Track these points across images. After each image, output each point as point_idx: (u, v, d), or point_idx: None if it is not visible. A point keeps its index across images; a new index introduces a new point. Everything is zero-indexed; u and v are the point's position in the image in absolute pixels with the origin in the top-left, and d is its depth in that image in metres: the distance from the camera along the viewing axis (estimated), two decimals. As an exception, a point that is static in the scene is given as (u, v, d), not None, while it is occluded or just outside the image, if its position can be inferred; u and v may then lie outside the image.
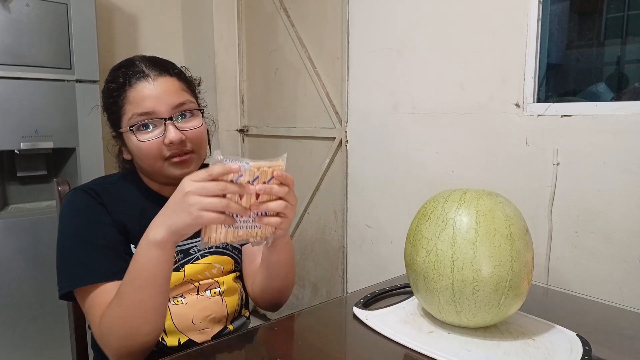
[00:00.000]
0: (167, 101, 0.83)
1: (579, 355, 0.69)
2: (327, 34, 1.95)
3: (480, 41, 1.39)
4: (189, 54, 2.56)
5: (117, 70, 0.87)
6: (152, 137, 0.83)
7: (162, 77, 0.85)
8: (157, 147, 0.83)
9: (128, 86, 0.83)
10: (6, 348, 1.65)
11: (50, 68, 1.70)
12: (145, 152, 0.83)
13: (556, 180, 1.24)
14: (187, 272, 0.89)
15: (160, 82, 0.84)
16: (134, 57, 0.88)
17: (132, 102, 0.83)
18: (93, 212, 0.84)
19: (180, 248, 0.90)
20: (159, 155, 0.84)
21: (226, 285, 0.94)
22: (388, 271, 1.73)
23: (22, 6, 1.62)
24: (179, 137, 0.83)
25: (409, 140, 1.62)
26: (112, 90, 0.85)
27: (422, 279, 0.77)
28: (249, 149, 2.50)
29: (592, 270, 1.19)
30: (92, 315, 0.77)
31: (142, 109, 0.82)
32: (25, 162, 1.79)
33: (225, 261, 0.95)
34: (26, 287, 1.67)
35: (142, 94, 0.83)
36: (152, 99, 0.83)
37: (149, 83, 0.83)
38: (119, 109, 0.85)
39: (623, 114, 1.13)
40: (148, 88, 0.83)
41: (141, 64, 0.85)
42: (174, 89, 0.85)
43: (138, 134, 0.83)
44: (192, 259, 0.90)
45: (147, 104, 0.82)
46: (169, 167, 0.85)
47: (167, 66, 0.87)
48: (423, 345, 0.73)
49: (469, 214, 0.74)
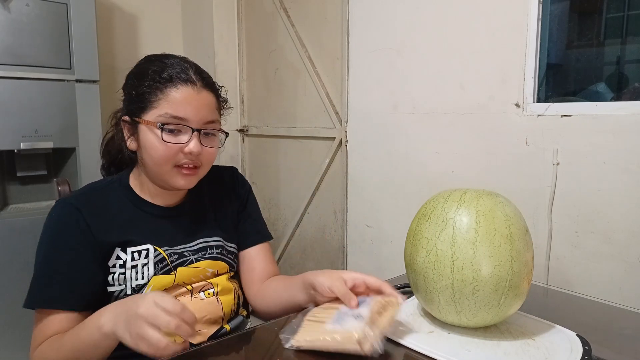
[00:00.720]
0: (202, 114, 0.84)
1: (579, 355, 0.69)
2: (327, 34, 1.95)
3: (480, 41, 1.39)
4: (189, 54, 2.55)
5: (164, 60, 0.86)
6: (175, 142, 0.83)
7: (205, 90, 0.86)
8: (174, 152, 0.83)
9: (171, 84, 0.82)
10: (6, 348, 1.65)
11: (50, 68, 1.70)
12: (161, 152, 0.83)
13: (556, 180, 1.24)
14: (179, 275, 0.88)
15: (203, 95, 0.85)
16: (184, 58, 0.88)
17: (170, 101, 0.82)
18: (68, 235, 0.83)
19: (172, 250, 0.89)
20: (172, 160, 0.84)
21: (220, 285, 0.92)
22: (388, 271, 1.73)
23: (22, 6, 1.62)
24: (198, 149, 0.84)
25: (409, 140, 1.62)
26: (153, 78, 0.83)
27: (422, 279, 0.77)
28: (249, 149, 2.50)
29: (592, 270, 1.19)
30: (34, 339, 0.80)
31: (177, 113, 0.82)
32: (25, 162, 1.79)
33: (220, 266, 0.94)
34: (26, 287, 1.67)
35: (184, 99, 0.82)
36: (190, 108, 0.83)
37: (194, 91, 0.84)
38: (153, 100, 0.83)
39: (623, 114, 1.13)
40: (191, 95, 0.83)
41: (190, 69, 0.85)
42: (211, 105, 0.87)
43: (164, 133, 0.82)
44: (186, 261, 0.89)
45: (184, 110, 0.82)
46: (175, 175, 0.85)
47: (211, 81, 0.89)
48: (423, 345, 0.73)
49: (469, 214, 0.74)
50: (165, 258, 0.87)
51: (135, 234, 0.86)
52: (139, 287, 0.84)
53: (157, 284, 0.85)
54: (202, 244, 0.93)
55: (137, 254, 0.85)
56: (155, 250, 0.86)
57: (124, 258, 0.84)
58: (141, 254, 0.85)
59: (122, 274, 0.83)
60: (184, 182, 0.86)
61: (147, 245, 0.86)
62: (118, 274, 0.83)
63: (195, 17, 2.49)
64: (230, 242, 0.99)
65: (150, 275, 0.85)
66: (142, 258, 0.85)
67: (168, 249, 0.88)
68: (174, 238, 0.90)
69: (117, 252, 0.84)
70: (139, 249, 0.85)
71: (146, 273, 0.85)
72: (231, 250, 0.98)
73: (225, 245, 0.96)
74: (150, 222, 0.89)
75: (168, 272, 0.87)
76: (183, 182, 0.86)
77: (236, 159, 2.51)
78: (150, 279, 0.84)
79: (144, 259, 0.85)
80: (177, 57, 0.88)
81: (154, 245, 0.87)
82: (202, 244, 0.93)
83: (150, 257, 0.86)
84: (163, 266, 0.86)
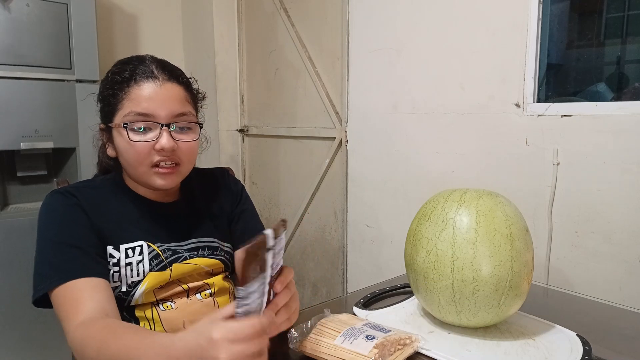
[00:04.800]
0: (169, 108, 0.82)
1: (579, 355, 0.69)
2: (327, 34, 1.95)
3: (480, 41, 1.39)
4: (189, 53, 2.56)
5: (125, 63, 0.84)
6: (144, 140, 0.81)
7: (169, 83, 0.83)
8: (146, 151, 0.81)
9: (133, 82, 0.81)
10: (6, 348, 1.65)
11: (50, 68, 1.70)
12: (133, 154, 0.81)
13: (556, 180, 1.24)
14: (174, 271, 0.86)
15: (167, 88, 0.83)
16: (146, 56, 0.86)
17: (132, 99, 0.81)
18: (66, 212, 0.81)
19: (166, 247, 0.87)
20: (147, 160, 0.82)
21: (217, 285, 0.91)
22: (388, 271, 1.73)
23: (22, 6, 1.62)
24: (171, 145, 0.81)
25: (409, 140, 1.62)
26: (115, 82, 0.83)
27: (422, 279, 0.77)
28: (249, 149, 2.50)
29: (592, 270, 1.19)
30: (66, 318, 0.73)
31: (141, 109, 0.81)
32: (25, 162, 1.79)
33: (215, 264, 0.93)
34: (26, 287, 1.66)
35: (146, 94, 0.81)
36: (154, 102, 0.81)
37: (156, 85, 0.82)
38: (117, 102, 0.82)
39: (623, 114, 1.13)
40: (153, 90, 0.81)
41: (152, 64, 0.84)
42: (179, 97, 0.84)
43: (130, 133, 0.81)
44: (180, 257, 0.88)
45: (147, 105, 0.81)
46: (152, 175, 0.83)
47: (177, 73, 0.86)
48: (423, 345, 0.73)
49: (469, 214, 0.74)
50: (160, 254, 0.86)
51: (128, 230, 0.85)
52: (134, 284, 0.83)
53: (153, 280, 0.84)
54: (195, 244, 0.92)
55: (131, 250, 0.84)
56: (149, 246, 0.85)
57: (117, 256, 0.83)
58: (135, 251, 0.84)
59: (117, 272, 0.82)
60: (162, 182, 0.84)
61: (141, 242, 0.85)
62: (112, 272, 0.82)
63: (195, 17, 2.49)
64: (226, 242, 0.98)
65: (145, 271, 0.84)
66: (136, 255, 0.84)
67: (161, 245, 0.87)
68: (167, 235, 0.89)
69: (110, 251, 0.83)
70: (132, 246, 0.84)
71: (141, 270, 0.83)
72: (227, 249, 0.98)
73: (221, 246, 0.96)
74: (144, 218, 0.88)
75: (163, 268, 0.85)
76: (162, 182, 0.84)
77: (236, 159, 2.51)
78: (146, 275, 0.84)
79: (139, 256, 0.84)
80: (142, 56, 0.86)
81: (147, 241, 0.85)
82: (195, 243, 0.92)
83: (144, 253, 0.84)
84: (158, 262, 0.85)
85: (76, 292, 0.75)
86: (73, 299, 0.74)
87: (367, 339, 0.68)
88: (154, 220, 0.89)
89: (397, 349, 0.69)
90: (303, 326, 0.74)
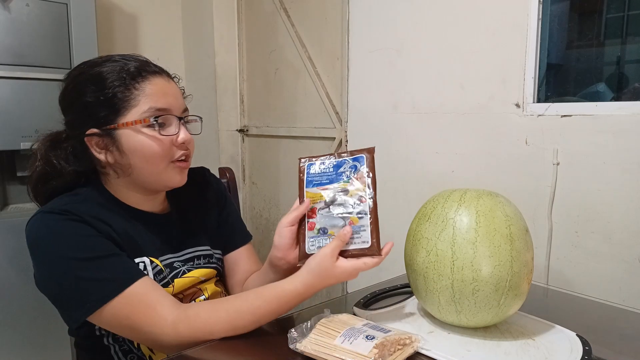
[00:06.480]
0: (180, 102, 0.82)
1: (579, 355, 0.69)
2: (327, 34, 1.95)
3: (480, 41, 1.39)
4: (189, 53, 2.56)
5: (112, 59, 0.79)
6: (169, 134, 0.79)
7: (170, 78, 0.84)
8: (169, 145, 0.80)
9: (142, 78, 0.78)
10: (6, 348, 1.65)
11: (50, 68, 1.70)
12: (156, 150, 0.78)
13: (556, 180, 1.24)
14: (177, 286, 0.85)
15: (172, 83, 0.83)
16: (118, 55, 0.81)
17: (148, 95, 0.77)
18: (73, 227, 0.73)
19: (165, 263, 0.85)
20: (169, 155, 0.80)
21: (209, 290, 0.91)
22: (388, 271, 1.73)
23: (22, 6, 1.62)
24: (189, 137, 0.82)
25: (409, 140, 1.62)
26: (120, 77, 0.77)
27: (422, 279, 0.77)
28: (249, 149, 2.50)
29: (592, 270, 1.19)
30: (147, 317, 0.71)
31: (162, 104, 0.78)
32: (25, 162, 1.79)
33: (210, 273, 0.92)
34: (26, 287, 1.67)
35: (161, 90, 0.79)
36: (171, 97, 0.80)
37: (165, 80, 0.81)
38: (128, 99, 0.76)
39: (623, 114, 1.13)
40: (165, 85, 0.81)
41: (148, 61, 0.82)
42: (180, 92, 0.85)
43: (151, 129, 0.78)
44: (179, 272, 0.86)
45: (166, 101, 0.79)
46: (171, 171, 0.82)
47: (169, 71, 0.86)
48: (423, 345, 0.73)
49: (469, 214, 0.74)
50: (163, 270, 0.83)
51: (129, 244, 0.80)
52: None
53: None
54: (190, 254, 0.90)
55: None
56: (152, 262, 0.82)
57: None
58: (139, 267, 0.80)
59: None
60: (180, 177, 0.83)
61: (144, 258, 0.81)
62: None
63: (195, 17, 2.49)
64: (217, 249, 0.97)
65: None
66: None
67: (162, 259, 0.84)
68: (164, 248, 0.87)
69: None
70: (136, 262, 0.80)
71: None
72: (218, 257, 0.97)
73: (214, 254, 0.95)
74: (142, 232, 0.84)
75: (166, 284, 0.83)
76: (179, 178, 0.83)
77: (236, 159, 2.51)
78: None
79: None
80: (122, 54, 0.81)
81: (149, 256, 0.82)
82: (189, 254, 0.91)
83: (148, 269, 0.81)
84: (162, 278, 0.83)
85: (140, 296, 0.72)
86: (143, 303, 0.72)
87: (367, 339, 0.68)
88: (151, 233, 0.86)
89: (397, 349, 0.69)
90: (303, 326, 0.74)
